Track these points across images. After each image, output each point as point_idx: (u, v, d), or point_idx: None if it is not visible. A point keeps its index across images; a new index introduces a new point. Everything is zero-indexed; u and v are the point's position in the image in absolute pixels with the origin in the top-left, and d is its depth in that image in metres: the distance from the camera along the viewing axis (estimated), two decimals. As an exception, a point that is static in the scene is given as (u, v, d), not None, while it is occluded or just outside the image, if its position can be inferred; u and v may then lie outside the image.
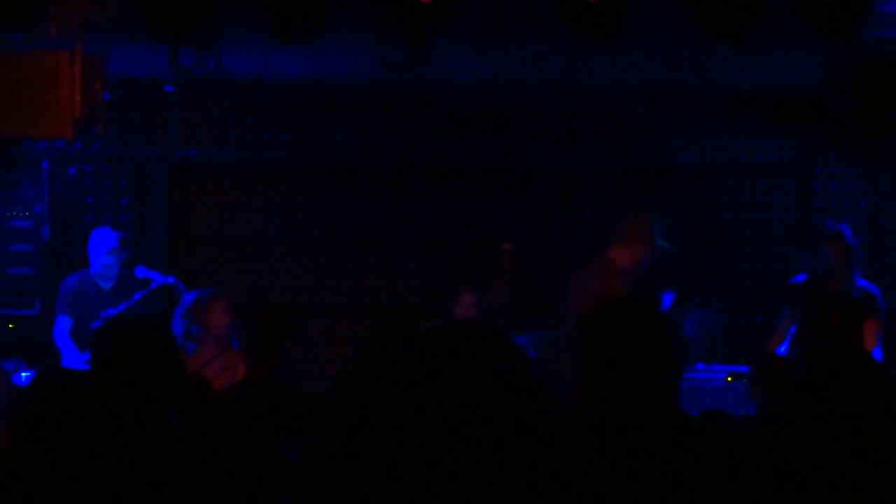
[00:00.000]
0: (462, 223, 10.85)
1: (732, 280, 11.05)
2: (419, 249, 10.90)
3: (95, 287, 9.05)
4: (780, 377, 5.79)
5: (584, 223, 10.64)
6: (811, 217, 10.89)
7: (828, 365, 3.90)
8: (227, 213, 10.77)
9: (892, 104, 8.94)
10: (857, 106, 9.11)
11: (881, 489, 3.64)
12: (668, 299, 8.99)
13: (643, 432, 3.20)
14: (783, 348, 8.49)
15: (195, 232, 10.77)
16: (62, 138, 9.25)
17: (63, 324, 9.02)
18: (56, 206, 10.19)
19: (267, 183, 10.78)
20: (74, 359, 8.73)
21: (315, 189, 10.85)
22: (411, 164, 10.74)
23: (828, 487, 3.63)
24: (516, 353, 4.46)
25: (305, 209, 10.83)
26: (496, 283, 8.69)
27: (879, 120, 9.06)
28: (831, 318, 8.25)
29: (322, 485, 3.36)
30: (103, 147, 10.41)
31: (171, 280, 8.79)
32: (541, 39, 8.11)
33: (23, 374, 8.42)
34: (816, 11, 7.49)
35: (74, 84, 8.35)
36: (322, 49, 7.96)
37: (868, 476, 3.65)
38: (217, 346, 7.68)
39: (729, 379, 8.87)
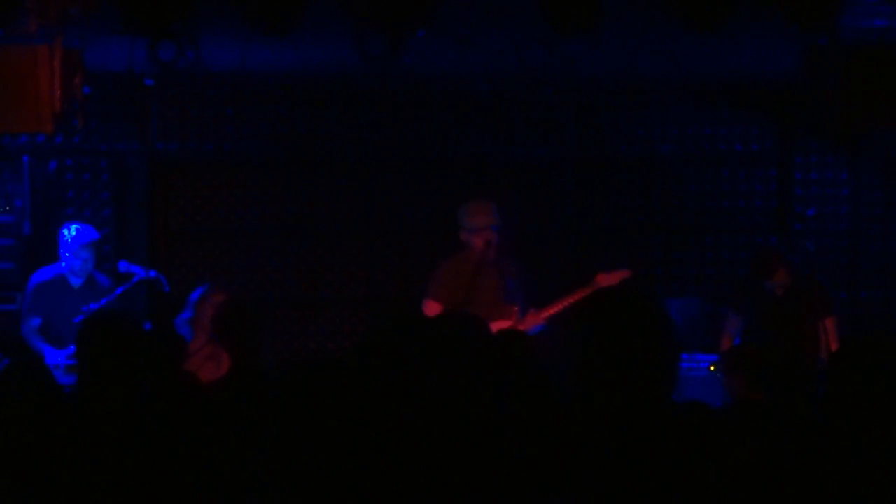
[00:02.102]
0: (441, 214, 10.83)
1: (714, 269, 11.06)
2: (400, 240, 10.88)
3: (66, 284, 8.98)
4: (755, 368, 5.81)
5: (564, 213, 10.69)
6: (792, 205, 10.91)
7: (849, 356, 3.92)
8: (208, 206, 10.74)
9: (871, 92, 8.95)
10: (837, 94, 9.10)
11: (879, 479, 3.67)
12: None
13: (627, 420, 3.21)
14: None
15: (176, 225, 10.75)
16: (42, 133, 9.23)
17: (33, 324, 8.96)
18: (37, 201, 10.14)
19: (247, 176, 10.77)
20: (54, 356, 8.68)
21: (296, 181, 10.83)
22: (391, 155, 10.72)
23: (813, 480, 3.65)
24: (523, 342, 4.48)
25: (286, 201, 10.81)
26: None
27: (859, 107, 9.06)
28: (787, 318, 8.28)
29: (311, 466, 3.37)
30: (84, 141, 10.38)
31: (152, 274, 8.78)
32: (519, 30, 8.11)
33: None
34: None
35: (54, 78, 8.31)
36: (301, 41, 7.96)
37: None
38: (204, 338, 7.76)
39: (712, 368, 8.89)
